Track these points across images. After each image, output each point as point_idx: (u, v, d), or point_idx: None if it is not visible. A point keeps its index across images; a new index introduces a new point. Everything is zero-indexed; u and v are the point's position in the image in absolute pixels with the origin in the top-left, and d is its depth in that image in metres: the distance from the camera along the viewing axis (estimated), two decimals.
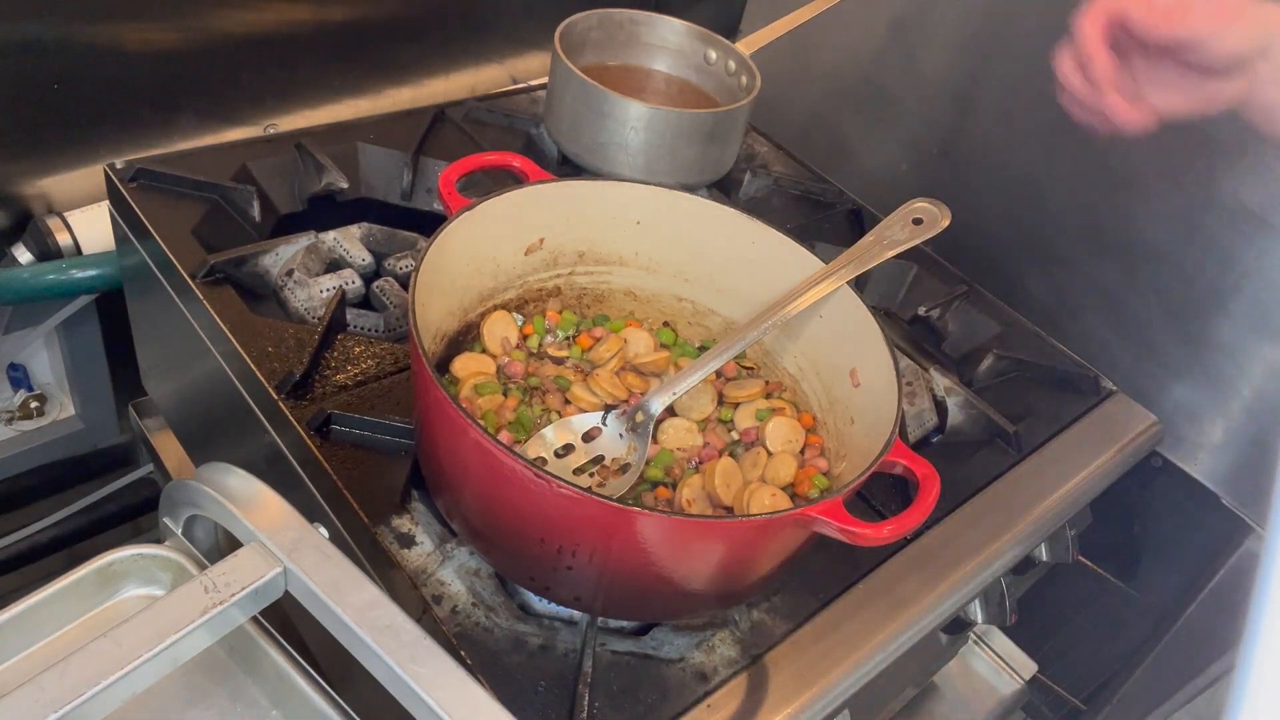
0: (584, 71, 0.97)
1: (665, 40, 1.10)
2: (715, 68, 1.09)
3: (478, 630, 0.64)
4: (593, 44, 1.07)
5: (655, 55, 1.11)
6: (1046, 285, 1.10)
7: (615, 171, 0.98)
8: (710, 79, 1.10)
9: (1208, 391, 1.00)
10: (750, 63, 1.03)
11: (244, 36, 1.03)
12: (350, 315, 0.83)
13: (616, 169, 0.99)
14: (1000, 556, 0.80)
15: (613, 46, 1.09)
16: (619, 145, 0.97)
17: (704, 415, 0.75)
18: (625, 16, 1.08)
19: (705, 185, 1.06)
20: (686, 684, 0.65)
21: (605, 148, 0.98)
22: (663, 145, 0.97)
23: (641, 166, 0.98)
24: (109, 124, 1.00)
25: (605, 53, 1.09)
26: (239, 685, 0.56)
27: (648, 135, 0.96)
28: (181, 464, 1.06)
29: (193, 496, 0.55)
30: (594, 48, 1.08)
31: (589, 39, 1.07)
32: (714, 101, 1.09)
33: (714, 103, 1.09)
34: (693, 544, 0.59)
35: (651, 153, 0.97)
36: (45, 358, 1.14)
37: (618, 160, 0.98)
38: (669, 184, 0.84)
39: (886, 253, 0.73)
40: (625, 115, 0.95)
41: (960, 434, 0.88)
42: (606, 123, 0.96)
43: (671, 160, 0.99)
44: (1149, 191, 1.00)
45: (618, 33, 1.09)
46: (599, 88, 0.95)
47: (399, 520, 0.69)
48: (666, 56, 1.11)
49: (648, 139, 0.96)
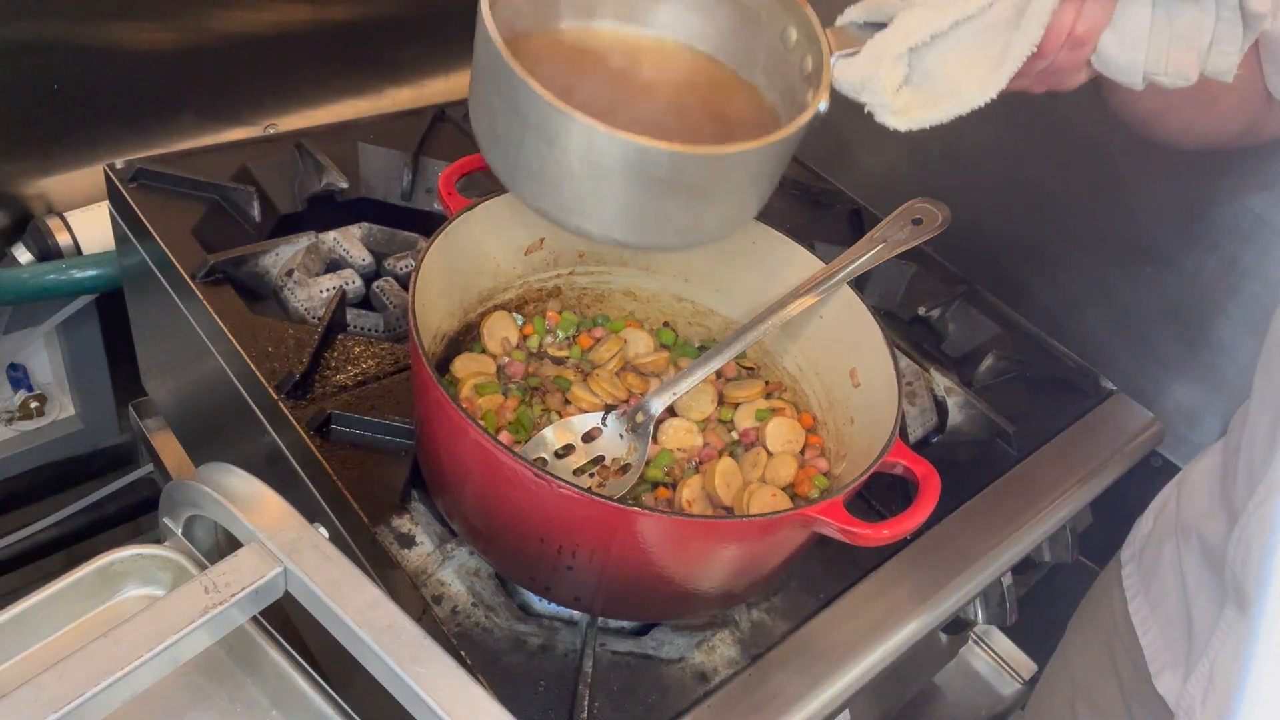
0: (527, 41, 0.61)
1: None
2: (784, 55, 0.64)
3: (478, 630, 0.64)
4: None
5: (681, 12, 0.66)
6: (1046, 285, 1.10)
7: (557, 217, 0.59)
8: (768, 72, 0.65)
9: (1208, 391, 1.00)
10: (829, 63, 0.59)
11: (244, 36, 1.03)
12: (350, 315, 0.83)
13: (556, 213, 0.59)
14: (1000, 556, 0.80)
15: None
16: (559, 177, 0.56)
17: (704, 415, 0.75)
18: None
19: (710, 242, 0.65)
20: (686, 684, 0.65)
21: (539, 176, 0.57)
22: (631, 195, 0.56)
23: (607, 218, 0.58)
24: (109, 124, 1.00)
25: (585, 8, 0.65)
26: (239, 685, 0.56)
27: (600, 176, 0.55)
28: (181, 464, 1.06)
29: (193, 496, 0.55)
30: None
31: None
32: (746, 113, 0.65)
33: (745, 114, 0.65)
34: (693, 544, 0.59)
35: (619, 205, 0.57)
36: (45, 358, 1.14)
37: (562, 201, 0.58)
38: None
39: (886, 253, 0.73)
40: (559, 137, 0.54)
41: (960, 434, 0.88)
42: (534, 142, 0.55)
43: (652, 220, 0.59)
44: (1149, 191, 1.00)
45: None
46: (523, 80, 0.52)
47: (399, 520, 0.69)
48: (701, 18, 0.66)
49: (598, 182, 0.55)
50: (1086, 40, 0.58)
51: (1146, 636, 0.79)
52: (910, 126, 0.59)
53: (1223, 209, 0.94)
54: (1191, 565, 0.75)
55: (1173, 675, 0.75)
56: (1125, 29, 0.59)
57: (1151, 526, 0.84)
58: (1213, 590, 0.72)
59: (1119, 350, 1.05)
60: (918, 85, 0.59)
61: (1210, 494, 0.75)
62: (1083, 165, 1.04)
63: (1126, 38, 0.59)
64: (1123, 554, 0.86)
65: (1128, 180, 1.00)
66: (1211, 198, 0.94)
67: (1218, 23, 0.58)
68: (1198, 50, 0.59)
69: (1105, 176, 1.02)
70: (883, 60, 0.58)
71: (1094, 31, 0.58)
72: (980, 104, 0.59)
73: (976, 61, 0.59)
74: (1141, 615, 0.80)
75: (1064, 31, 0.58)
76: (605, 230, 0.59)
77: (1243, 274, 0.94)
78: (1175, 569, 0.77)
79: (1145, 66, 0.59)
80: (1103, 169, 1.02)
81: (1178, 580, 0.77)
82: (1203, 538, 0.74)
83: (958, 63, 0.59)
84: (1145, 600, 0.80)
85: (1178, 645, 0.75)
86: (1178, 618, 0.76)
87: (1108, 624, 0.85)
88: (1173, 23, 0.58)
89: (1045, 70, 0.60)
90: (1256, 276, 0.93)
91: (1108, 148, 1.00)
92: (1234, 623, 0.68)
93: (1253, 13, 0.57)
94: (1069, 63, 0.60)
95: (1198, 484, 0.79)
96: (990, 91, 0.58)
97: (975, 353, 0.99)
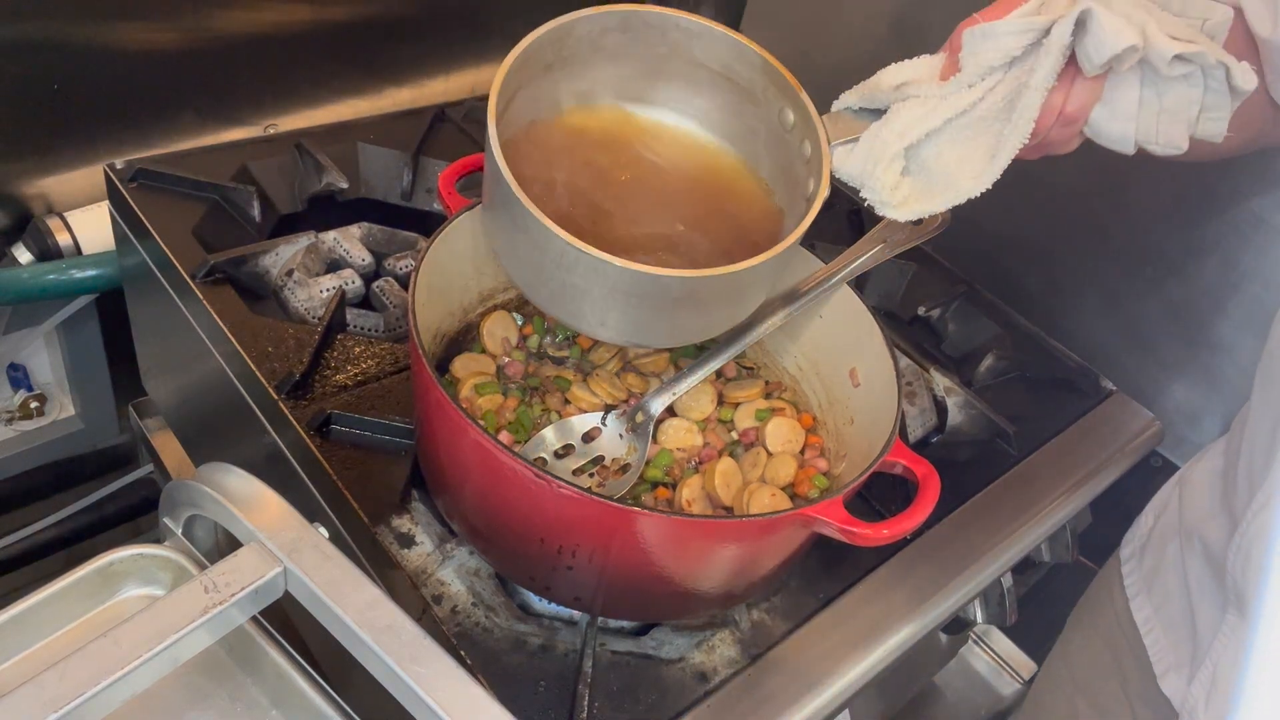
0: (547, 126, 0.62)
1: (714, 62, 0.64)
2: (783, 134, 0.64)
3: (478, 630, 0.64)
4: (592, 66, 0.64)
5: (680, 90, 0.66)
6: (1046, 285, 1.10)
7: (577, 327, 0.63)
8: (770, 149, 0.66)
9: (1208, 392, 1.00)
10: (827, 152, 0.60)
11: (244, 36, 1.03)
12: (350, 315, 0.83)
13: (576, 324, 0.63)
14: (1000, 556, 0.80)
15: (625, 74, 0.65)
16: (564, 293, 0.58)
17: (704, 415, 0.75)
18: (659, 20, 0.62)
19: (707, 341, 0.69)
20: (686, 684, 0.65)
21: (559, 297, 0.59)
22: (648, 312, 0.59)
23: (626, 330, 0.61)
24: (109, 124, 1.00)
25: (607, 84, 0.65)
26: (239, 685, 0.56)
27: (618, 299, 0.58)
28: (181, 464, 1.05)
29: (193, 496, 0.55)
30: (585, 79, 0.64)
31: (584, 58, 0.63)
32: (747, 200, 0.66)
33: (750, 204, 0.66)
34: (692, 544, 0.59)
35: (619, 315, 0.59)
36: (45, 358, 1.14)
37: (575, 313, 0.60)
38: None
39: (886, 253, 0.73)
40: (576, 267, 0.56)
41: (960, 434, 0.88)
42: (552, 269, 0.57)
43: (669, 329, 0.62)
44: (1149, 192, 1.00)
45: (637, 49, 0.64)
46: (540, 222, 0.54)
47: (399, 520, 0.69)
48: (700, 96, 0.66)
49: (615, 303, 0.58)
50: (1077, 118, 0.60)
51: (1150, 637, 0.79)
52: (910, 218, 0.61)
53: (1223, 209, 0.94)
54: (1194, 567, 0.75)
55: (1178, 677, 0.75)
56: (1115, 105, 0.60)
57: (1152, 525, 0.84)
58: (1215, 593, 0.72)
59: (1119, 350, 1.05)
60: (915, 176, 0.61)
61: (1211, 496, 0.75)
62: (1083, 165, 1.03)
63: (1117, 112, 0.60)
64: (1122, 551, 0.86)
65: (1128, 180, 1.00)
66: (1211, 198, 0.94)
67: (1205, 93, 0.59)
68: (1187, 121, 0.60)
69: (1106, 177, 1.02)
70: (880, 160, 0.60)
71: (1084, 110, 0.59)
72: (976, 195, 0.60)
73: (970, 154, 0.60)
74: (1144, 615, 0.80)
75: (1054, 112, 0.59)
76: (624, 339, 0.64)
77: (1243, 274, 0.94)
78: (1179, 571, 0.77)
79: (1136, 136, 0.61)
80: (1103, 169, 1.02)
81: (1181, 582, 0.76)
82: (1204, 540, 0.74)
83: (953, 156, 0.60)
84: (1148, 600, 0.80)
85: (1182, 647, 0.75)
86: (1182, 620, 0.76)
87: (1109, 622, 0.85)
88: (1162, 99, 0.59)
89: (1038, 144, 0.61)
90: (1256, 277, 0.93)
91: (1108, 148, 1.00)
92: (1236, 627, 0.68)
93: (1239, 89, 0.58)
94: (1061, 137, 0.61)
95: (1199, 485, 0.79)
96: (985, 183, 0.60)
97: (975, 353, 0.99)
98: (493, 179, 0.57)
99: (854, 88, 0.62)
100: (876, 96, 0.61)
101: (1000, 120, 0.59)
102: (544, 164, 0.62)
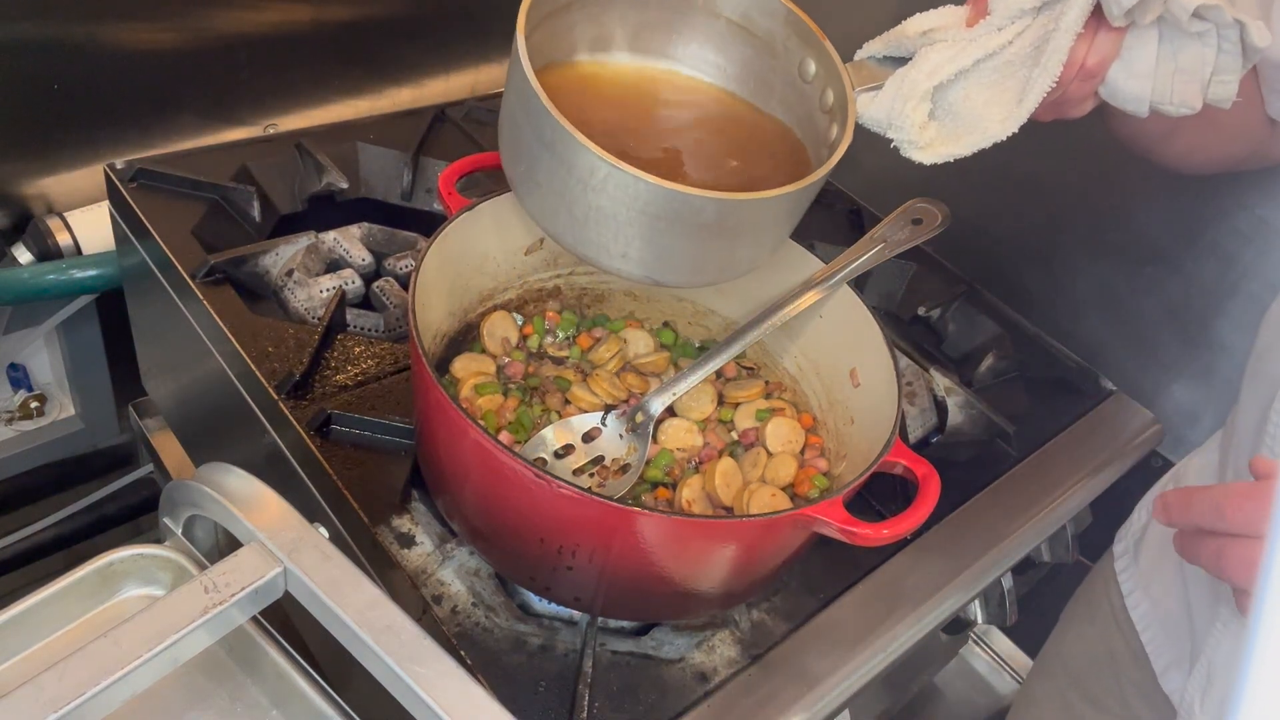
0: (560, 71, 0.62)
1: (733, 12, 0.64)
2: (801, 86, 0.64)
3: (478, 630, 0.64)
4: (610, 7, 0.64)
5: (696, 45, 0.66)
6: (1046, 285, 1.10)
7: (596, 260, 0.61)
8: (785, 102, 0.66)
9: (1207, 392, 1.00)
10: (853, 96, 0.61)
11: (244, 36, 1.03)
12: (350, 315, 0.83)
13: (596, 256, 0.60)
14: (1000, 556, 0.80)
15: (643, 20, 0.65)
16: (587, 217, 0.57)
17: (704, 415, 0.75)
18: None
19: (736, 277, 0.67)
20: (686, 684, 0.65)
21: (582, 223, 0.58)
22: (674, 239, 0.58)
23: (649, 261, 0.60)
24: (109, 124, 1.00)
25: (624, 33, 0.65)
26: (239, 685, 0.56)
27: (646, 223, 0.56)
28: (181, 464, 1.06)
29: (193, 496, 0.55)
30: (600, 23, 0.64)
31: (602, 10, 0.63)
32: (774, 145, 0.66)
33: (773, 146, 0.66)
34: (693, 544, 0.59)
35: (643, 243, 0.58)
36: (45, 358, 1.14)
37: (597, 242, 0.59)
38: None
39: (886, 253, 0.73)
40: (606, 187, 0.55)
41: (960, 434, 0.88)
42: (578, 191, 0.56)
43: (692, 261, 0.61)
44: (1149, 192, 1.00)
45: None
46: (571, 134, 0.53)
47: (399, 520, 0.69)
48: (716, 52, 0.67)
49: (642, 229, 0.57)
50: (1097, 72, 0.61)
51: (1148, 634, 0.79)
52: (936, 160, 0.62)
53: (1222, 209, 0.94)
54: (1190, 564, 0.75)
55: (1177, 673, 0.75)
56: (1133, 62, 0.61)
57: (1146, 520, 0.84)
58: (1210, 589, 0.72)
59: (1119, 350, 1.05)
60: (942, 120, 0.62)
61: None
62: (1083, 165, 1.04)
63: (1134, 69, 0.61)
64: (1115, 547, 0.86)
65: (1128, 181, 1.00)
66: (1211, 198, 0.94)
67: (1219, 54, 0.60)
68: (1200, 81, 0.61)
69: (1106, 177, 1.02)
70: (909, 98, 0.61)
71: (1104, 64, 0.61)
72: (1003, 138, 0.62)
73: (998, 97, 0.61)
74: (1141, 611, 0.80)
75: (1076, 64, 0.60)
76: (646, 272, 0.61)
77: (1242, 274, 0.94)
78: (1175, 567, 0.77)
79: (1151, 96, 0.62)
80: (1103, 169, 1.02)
81: (1178, 578, 0.77)
82: None
83: (980, 98, 0.61)
84: (1145, 596, 0.81)
85: (1180, 643, 0.75)
86: (1179, 616, 0.76)
87: (1104, 616, 0.85)
88: (1177, 56, 0.60)
89: (1055, 100, 0.62)
90: (1256, 277, 0.93)
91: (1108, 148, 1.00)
92: (1229, 623, 0.68)
93: (1253, 46, 0.60)
94: (1078, 93, 0.62)
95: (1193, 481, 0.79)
96: (1012, 127, 0.61)
97: (975, 353, 0.99)
98: (518, 96, 0.56)
99: (878, 37, 0.64)
100: (902, 43, 0.62)
101: (1028, 64, 0.60)
102: (557, 97, 0.57)
